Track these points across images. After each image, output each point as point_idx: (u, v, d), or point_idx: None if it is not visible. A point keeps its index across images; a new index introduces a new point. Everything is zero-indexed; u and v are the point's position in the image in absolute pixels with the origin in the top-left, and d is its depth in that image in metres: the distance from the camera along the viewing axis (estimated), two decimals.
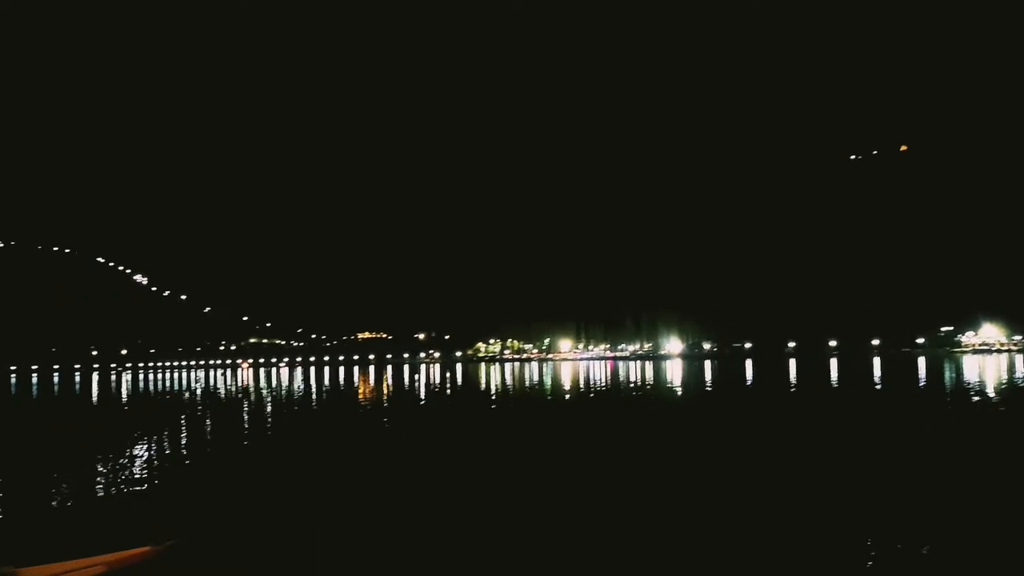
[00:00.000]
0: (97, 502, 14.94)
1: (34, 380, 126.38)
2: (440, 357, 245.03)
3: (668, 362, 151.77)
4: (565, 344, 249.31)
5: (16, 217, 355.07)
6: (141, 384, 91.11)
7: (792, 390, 47.95)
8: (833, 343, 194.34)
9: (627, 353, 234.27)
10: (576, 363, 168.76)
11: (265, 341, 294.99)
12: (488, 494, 14.30)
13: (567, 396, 46.59)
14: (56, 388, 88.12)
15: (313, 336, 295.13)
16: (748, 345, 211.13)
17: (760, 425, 26.03)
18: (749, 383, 58.16)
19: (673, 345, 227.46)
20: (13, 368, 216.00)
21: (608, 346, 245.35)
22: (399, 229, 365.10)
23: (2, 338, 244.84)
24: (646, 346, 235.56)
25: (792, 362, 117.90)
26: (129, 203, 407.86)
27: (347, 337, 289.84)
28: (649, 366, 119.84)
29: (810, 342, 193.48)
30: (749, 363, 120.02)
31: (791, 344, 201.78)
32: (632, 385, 58.24)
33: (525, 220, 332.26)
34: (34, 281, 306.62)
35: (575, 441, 22.51)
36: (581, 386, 58.02)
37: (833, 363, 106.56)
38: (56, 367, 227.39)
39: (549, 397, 46.64)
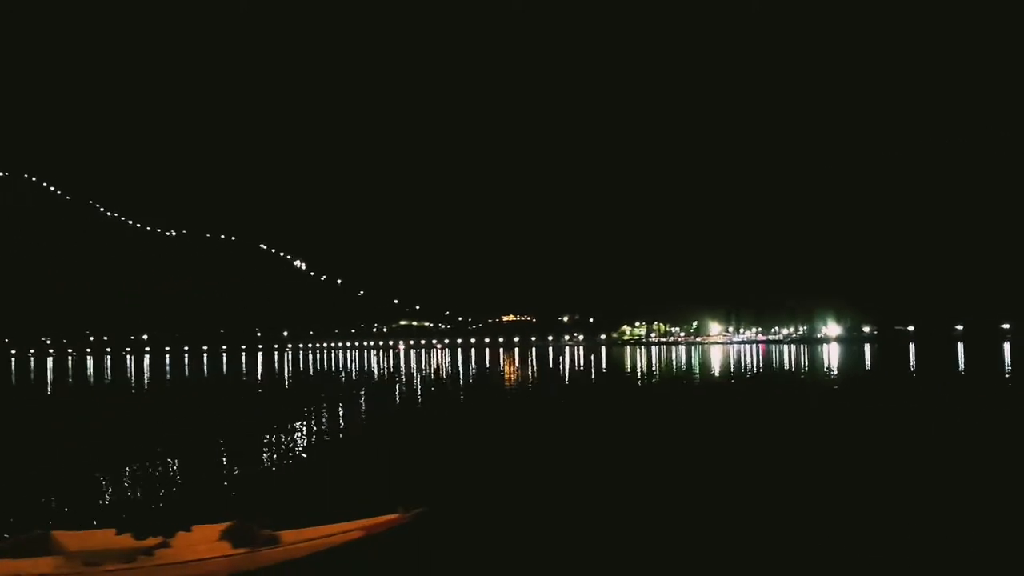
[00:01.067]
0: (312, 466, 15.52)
1: (204, 359, 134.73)
2: (584, 340, 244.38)
3: (825, 346, 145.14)
4: (714, 327, 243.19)
5: (188, 209, 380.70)
6: (313, 362, 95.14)
7: (962, 379, 44.34)
8: (1006, 325, 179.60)
9: (780, 337, 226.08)
10: (726, 347, 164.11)
11: (414, 323, 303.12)
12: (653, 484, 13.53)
13: (718, 381, 44.95)
14: (225, 365, 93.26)
15: (459, 319, 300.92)
16: (911, 328, 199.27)
17: (929, 419, 23.87)
18: (913, 370, 54.42)
19: (830, 328, 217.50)
20: (185, 348, 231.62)
21: (759, 329, 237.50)
22: (545, 212, 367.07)
23: (176, 322, 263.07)
24: (801, 329, 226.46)
25: (960, 346, 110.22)
26: (289, 193, 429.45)
27: (492, 320, 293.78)
28: (804, 350, 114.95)
29: (980, 324, 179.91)
30: (912, 347, 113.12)
31: (958, 327, 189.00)
32: (787, 370, 55.76)
33: (674, 200, 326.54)
34: (204, 267, 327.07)
35: (728, 431, 21.29)
36: (732, 371, 56.01)
37: (1006, 348, 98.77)
38: (224, 347, 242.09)
39: (698, 382, 45.13)
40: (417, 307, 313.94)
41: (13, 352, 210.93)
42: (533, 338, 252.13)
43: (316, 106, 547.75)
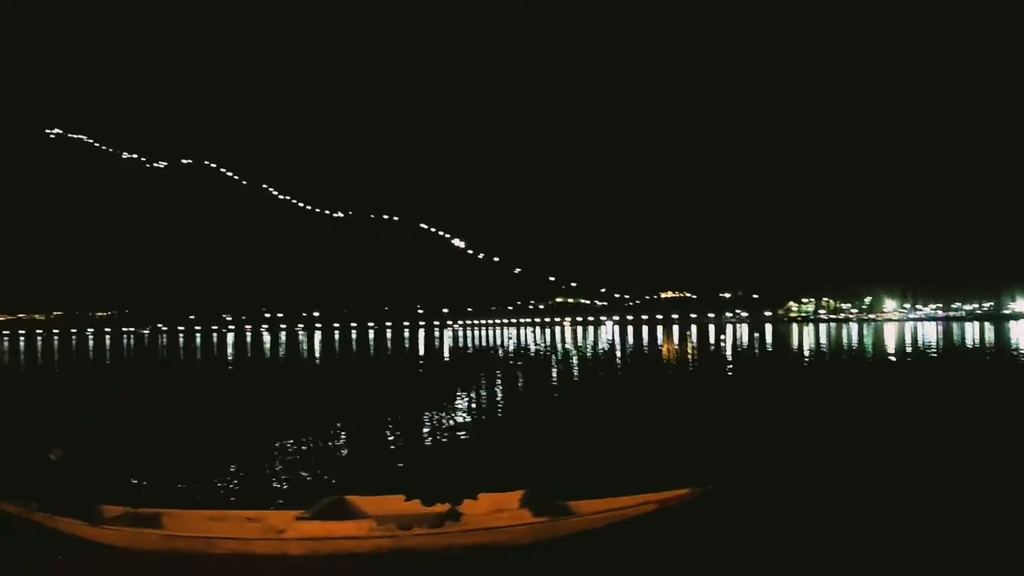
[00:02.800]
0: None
1: (370, 335, 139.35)
2: (748, 317, 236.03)
3: (1014, 323, 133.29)
4: (889, 303, 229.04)
5: (352, 190, 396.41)
6: (478, 339, 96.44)
7: None
8: None
9: (962, 313, 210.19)
10: (902, 324, 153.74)
11: (571, 300, 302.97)
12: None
13: (897, 362, 41.15)
14: (390, 341, 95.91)
15: (616, 295, 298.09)
16: None
17: None
18: None
19: (1020, 304, 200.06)
20: (353, 325, 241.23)
21: (939, 305, 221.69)
22: (705, 184, 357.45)
23: (345, 299, 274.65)
24: (986, 305, 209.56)
25: None
26: (449, 173, 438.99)
27: (650, 296, 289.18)
28: (989, 327, 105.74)
29: None
30: None
31: None
32: (973, 349, 50.81)
33: (847, 168, 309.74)
34: (369, 247, 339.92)
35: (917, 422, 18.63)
36: (910, 350, 51.52)
37: None
38: (388, 324, 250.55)
39: (874, 363, 41.49)
40: (573, 284, 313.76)
41: (198, 328, 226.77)
42: (693, 315, 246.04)
43: (479, 88, 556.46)
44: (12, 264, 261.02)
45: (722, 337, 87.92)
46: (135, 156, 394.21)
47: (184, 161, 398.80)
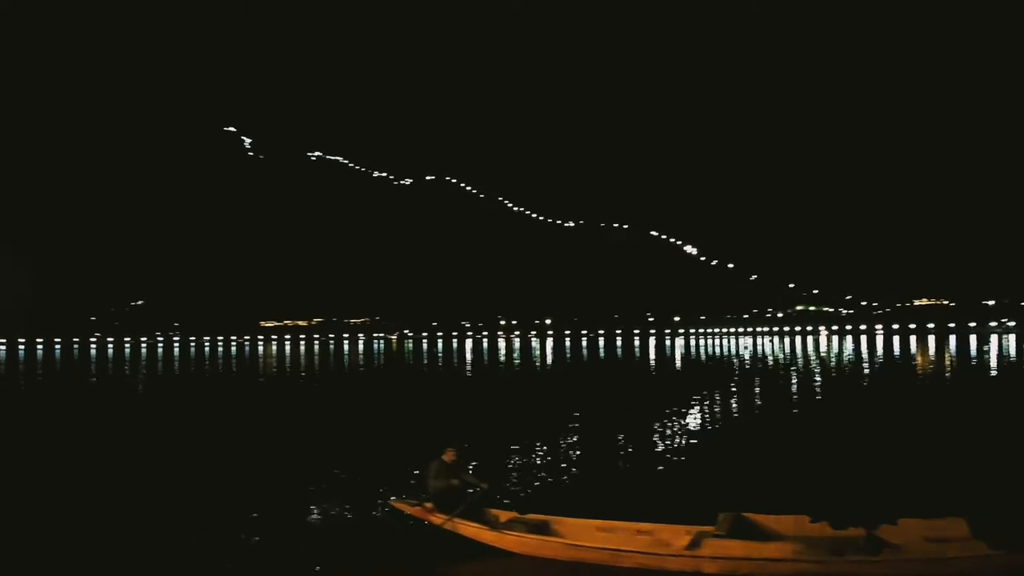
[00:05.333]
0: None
1: (600, 343, 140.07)
2: (1016, 327, 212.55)
3: None
4: None
5: (578, 200, 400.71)
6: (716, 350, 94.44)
7: None
8: None
9: None
10: None
11: (812, 308, 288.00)
12: None
13: None
14: (620, 349, 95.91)
15: (863, 303, 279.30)
16: None
17: None
18: None
19: None
20: (584, 332, 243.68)
21: None
22: (969, 181, 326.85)
23: (576, 306, 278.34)
24: None
25: None
26: (677, 180, 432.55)
27: (902, 304, 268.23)
28: None
29: None
30: None
31: None
32: None
33: None
34: (600, 255, 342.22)
35: None
36: None
37: None
38: (618, 331, 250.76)
39: None
40: (815, 291, 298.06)
41: (440, 334, 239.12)
42: (951, 324, 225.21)
43: (703, 85, 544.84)
44: (280, 276, 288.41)
45: (985, 348, 79.74)
46: (383, 174, 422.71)
47: (428, 177, 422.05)
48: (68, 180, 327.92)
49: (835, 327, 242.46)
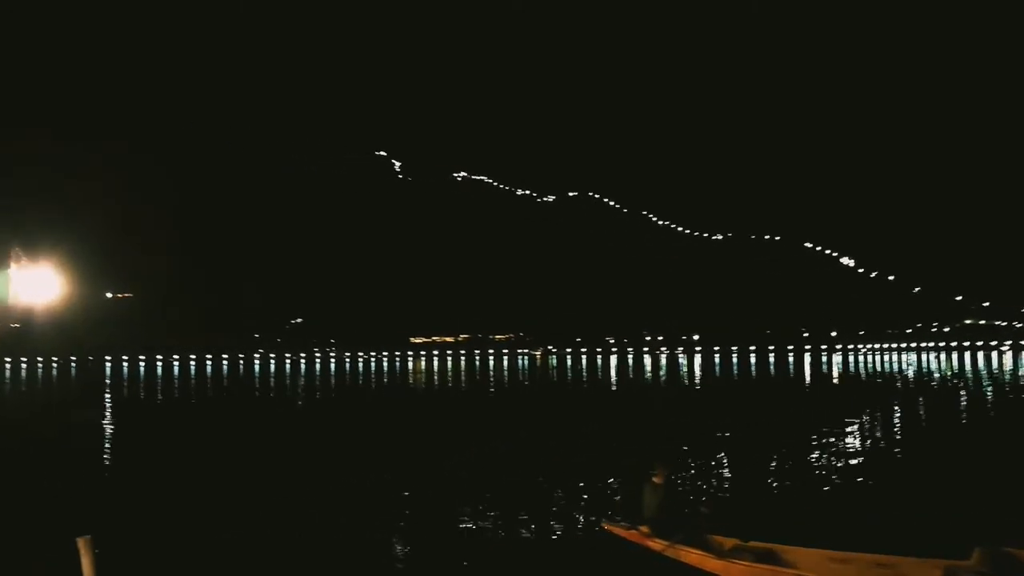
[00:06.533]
0: None
1: (752, 360, 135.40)
2: None
3: None
4: None
5: (731, 213, 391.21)
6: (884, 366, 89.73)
7: None
8: None
9: None
10: None
11: (982, 322, 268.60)
12: None
13: None
14: (773, 366, 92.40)
15: None
16: None
17: None
18: None
19: None
20: (734, 348, 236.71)
21: None
22: None
23: (725, 322, 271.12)
24: None
25: None
26: (833, 190, 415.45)
27: None
28: None
29: None
30: None
31: None
32: None
33: None
34: (750, 268, 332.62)
35: None
36: None
37: None
38: (770, 348, 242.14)
39: None
40: (985, 303, 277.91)
41: (583, 351, 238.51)
42: None
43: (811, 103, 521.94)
44: (429, 294, 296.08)
45: None
46: (527, 192, 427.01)
47: (571, 194, 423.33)
48: (237, 208, 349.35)
49: (1009, 342, 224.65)
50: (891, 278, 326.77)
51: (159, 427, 28.05)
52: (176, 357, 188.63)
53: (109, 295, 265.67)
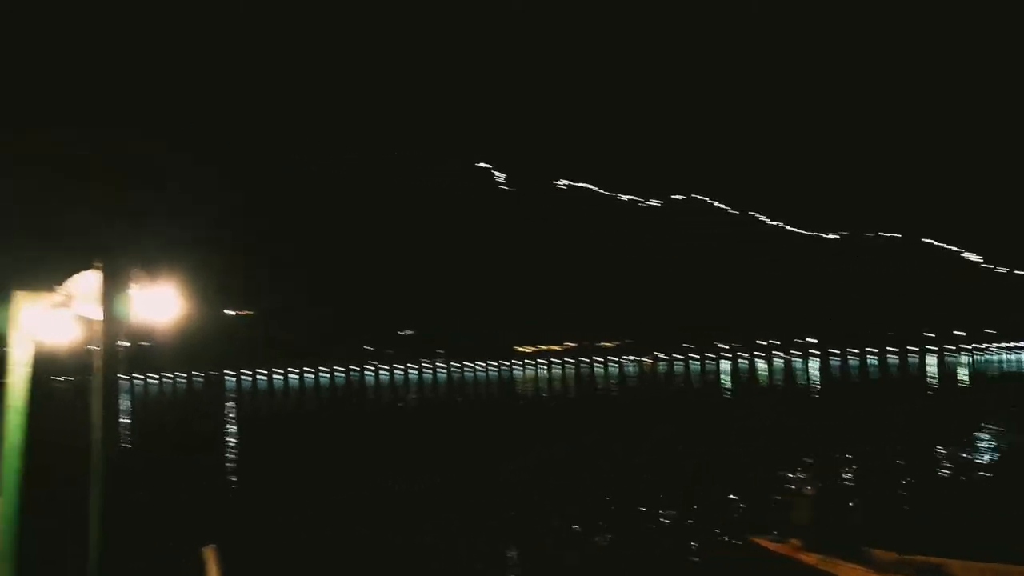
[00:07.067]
0: None
1: (871, 362, 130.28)
2: None
3: None
4: None
5: (844, 210, 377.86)
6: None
7: None
8: None
9: None
10: None
11: None
12: None
13: None
14: (896, 368, 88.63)
15: None
16: None
17: None
18: None
19: None
20: (853, 351, 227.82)
21: None
22: None
23: (843, 324, 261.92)
24: None
25: None
26: (955, 183, 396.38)
27: None
28: None
29: None
30: None
31: None
32: None
33: None
34: (868, 267, 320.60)
35: None
36: None
37: None
38: (891, 349, 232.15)
39: None
40: None
41: (695, 356, 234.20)
42: None
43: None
44: (534, 303, 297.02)
45: None
46: (631, 197, 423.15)
47: (675, 197, 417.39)
48: (348, 227, 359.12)
49: None
50: (1021, 273, 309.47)
51: (280, 439, 28.96)
52: (294, 371, 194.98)
53: (229, 312, 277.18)
